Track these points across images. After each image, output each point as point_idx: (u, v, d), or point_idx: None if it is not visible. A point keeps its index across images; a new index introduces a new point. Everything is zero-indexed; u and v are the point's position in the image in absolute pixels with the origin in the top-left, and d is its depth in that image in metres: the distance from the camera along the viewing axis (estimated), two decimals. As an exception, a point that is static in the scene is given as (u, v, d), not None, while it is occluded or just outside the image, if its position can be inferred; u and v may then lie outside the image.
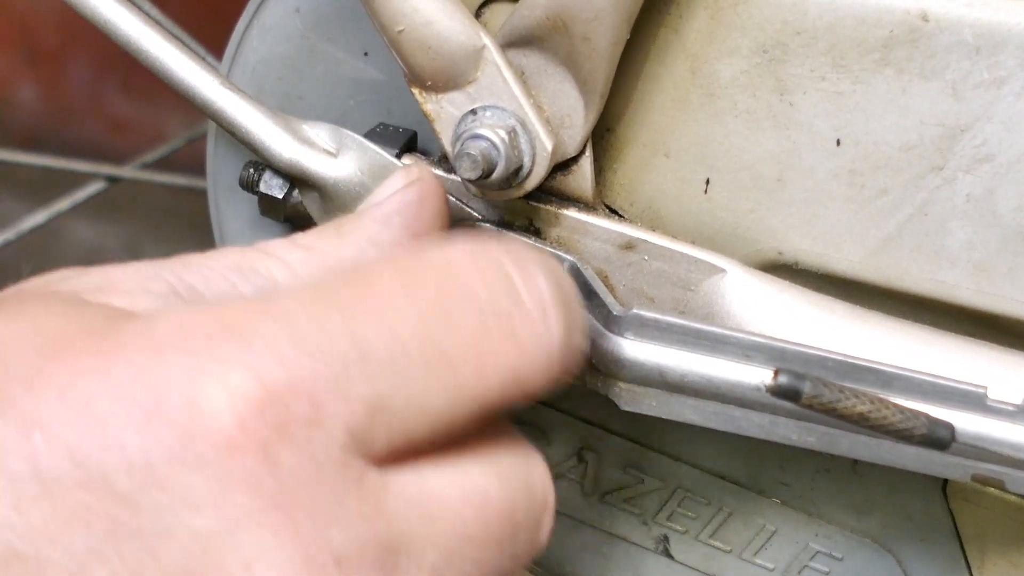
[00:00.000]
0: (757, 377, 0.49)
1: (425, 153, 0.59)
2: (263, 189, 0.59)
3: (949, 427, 0.45)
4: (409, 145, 0.59)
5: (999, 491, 0.56)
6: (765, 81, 0.54)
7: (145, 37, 0.58)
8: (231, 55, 0.64)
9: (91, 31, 0.59)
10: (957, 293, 0.54)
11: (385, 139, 0.58)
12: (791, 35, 0.53)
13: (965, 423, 0.48)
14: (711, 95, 0.55)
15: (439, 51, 0.52)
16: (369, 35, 0.60)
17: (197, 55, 0.59)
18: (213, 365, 0.35)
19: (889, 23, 0.52)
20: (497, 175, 0.52)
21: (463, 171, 0.52)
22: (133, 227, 1.64)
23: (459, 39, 0.52)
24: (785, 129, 0.54)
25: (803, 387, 0.45)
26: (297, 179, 0.58)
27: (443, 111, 0.54)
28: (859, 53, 0.52)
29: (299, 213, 0.60)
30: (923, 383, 0.48)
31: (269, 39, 0.62)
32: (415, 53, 0.52)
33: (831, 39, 0.53)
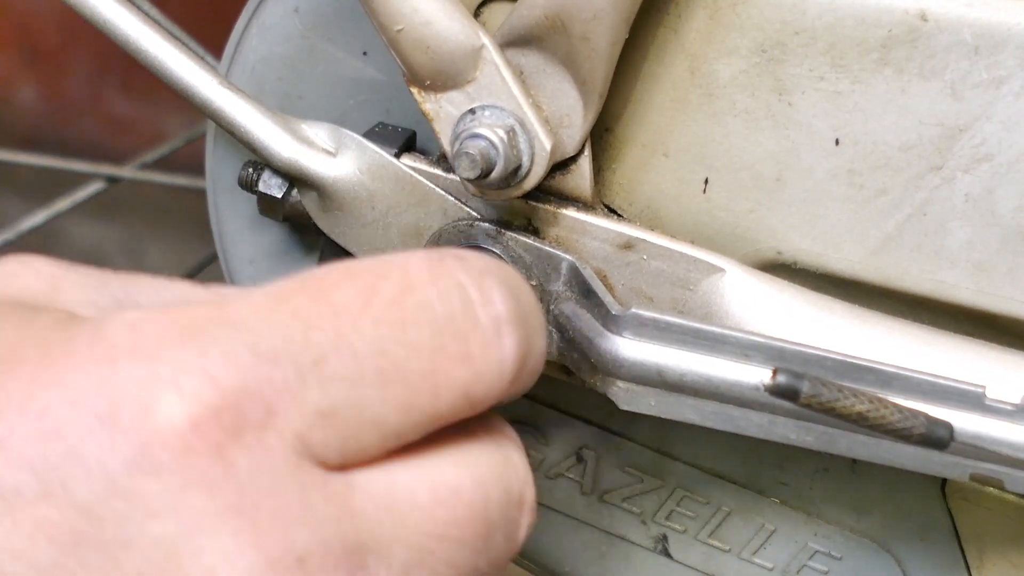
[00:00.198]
0: (756, 376, 0.49)
1: (424, 153, 0.59)
2: (262, 188, 0.59)
3: (948, 426, 0.45)
4: (408, 145, 0.59)
5: (998, 490, 0.56)
6: (764, 81, 0.54)
7: (145, 37, 0.58)
8: (230, 55, 0.64)
9: (91, 31, 0.59)
10: (956, 293, 0.54)
11: (384, 138, 0.58)
12: (790, 35, 0.53)
13: (964, 422, 0.48)
14: (710, 95, 0.55)
15: (438, 51, 0.52)
16: (368, 35, 0.60)
17: (196, 55, 0.59)
18: (167, 370, 0.35)
19: (888, 23, 0.52)
20: (496, 174, 0.52)
21: (462, 170, 0.52)
22: (133, 227, 1.64)
23: (458, 39, 0.52)
24: (784, 129, 0.54)
25: (802, 386, 0.45)
26: (296, 178, 0.58)
27: (442, 110, 0.54)
28: (858, 53, 0.52)
29: (298, 212, 0.60)
30: (922, 383, 0.48)
31: (268, 39, 0.62)
32: (414, 53, 0.52)
33: (830, 39, 0.53)
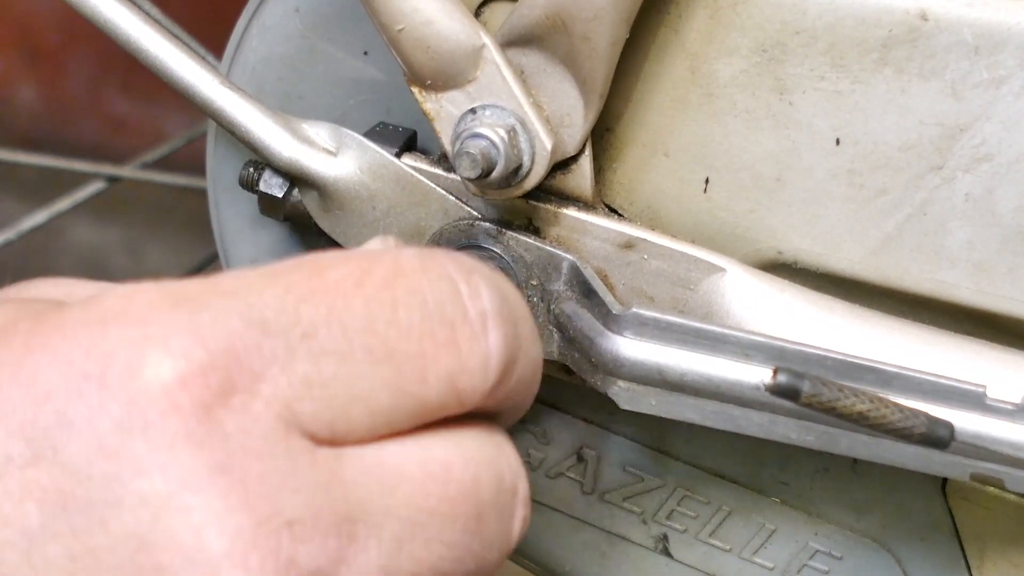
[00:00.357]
0: (756, 376, 0.49)
1: (425, 152, 0.59)
2: (263, 188, 0.59)
3: (948, 426, 0.45)
4: (409, 144, 0.59)
5: (998, 490, 0.56)
6: (764, 81, 0.54)
7: (145, 36, 0.58)
8: (231, 55, 0.64)
9: (91, 31, 0.59)
10: (957, 293, 0.54)
11: (385, 138, 0.58)
12: (790, 35, 0.53)
13: (964, 422, 0.48)
14: (710, 95, 0.55)
15: (439, 50, 0.52)
16: (369, 35, 0.60)
17: (197, 55, 0.59)
18: (156, 331, 0.35)
19: (888, 23, 0.52)
20: (497, 174, 0.52)
21: (463, 170, 0.52)
22: (133, 227, 1.64)
23: (459, 38, 0.52)
24: (784, 129, 0.54)
25: (802, 386, 0.45)
26: (297, 178, 0.58)
27: (443, 110, 0.54)
28: (858, 53, 0.52)
29: (299, 212, 0.60)
30: (922, 382, 0.48)
31: (269, 39, 0.63)
32: (415, 52, 0.52)
33: (830, 39, 0.53)
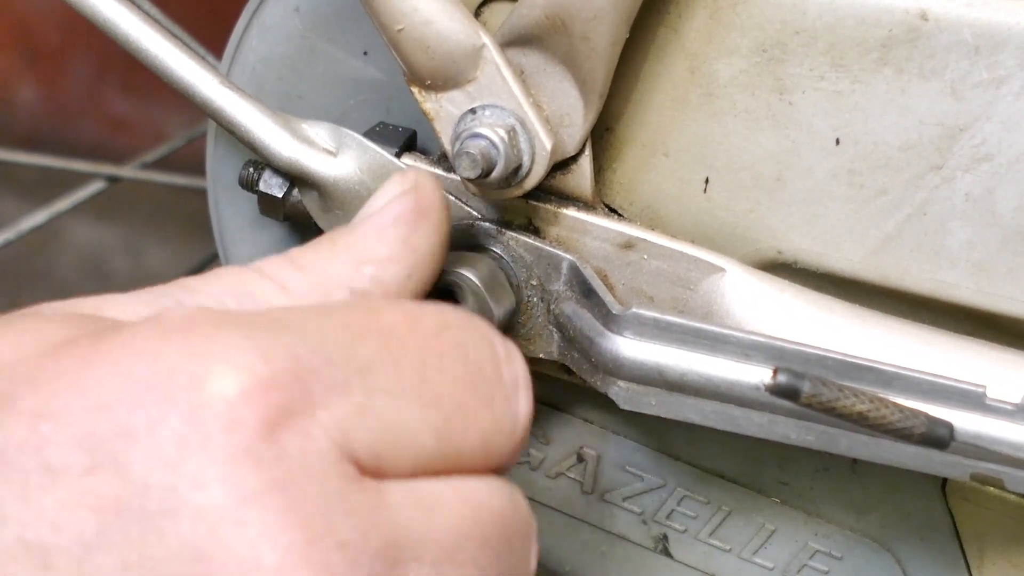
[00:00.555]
0: (756, 376, 0.49)
1: (425, 152, 0.59)
2: (263, 188, 0.59)
3: (948, 426, 0.45)
4: (409, 144, 0.59)
5: (998, 490, 0.56)
6: (764, 80, 0.54)
7: (145, 36, 0.58)
8: (231, 55, 0.64)
9: (91, 31, 0.59)
10: (957, 292, 0.54)
11: (385, 138, 0.58)
12: (790, 35, 0.53)
13: (964, 422, 0.48)
14: (710, 95, 0.55)
15: (438, 50, 0.52)
16: (369, 35, 0.60)
17: (197, 54, 0.59)
18: (219, 346, 0.35)
19: (888, 23, 0.52)
20: (496, 174, 0.52)
21: (462, 170, 0.52)
22: (133, 227, 1.64)
23: (458, 38, 0.52)
24: (784, 128, 0.54)
25: (802, 386, 0.45)
26: (297, 178, 0.58)
27: (442, 110, 0.54)
28: (858, 53, 0.52)
29: (299, 212, 0.60)
30: (922, 382, 0.48)
31: (269, 39, 0.63)
32: (414, 52, 0.52)
33: (830, 39, 0.53)
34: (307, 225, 0.60)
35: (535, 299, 0.56)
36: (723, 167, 0.56)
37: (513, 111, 0.53)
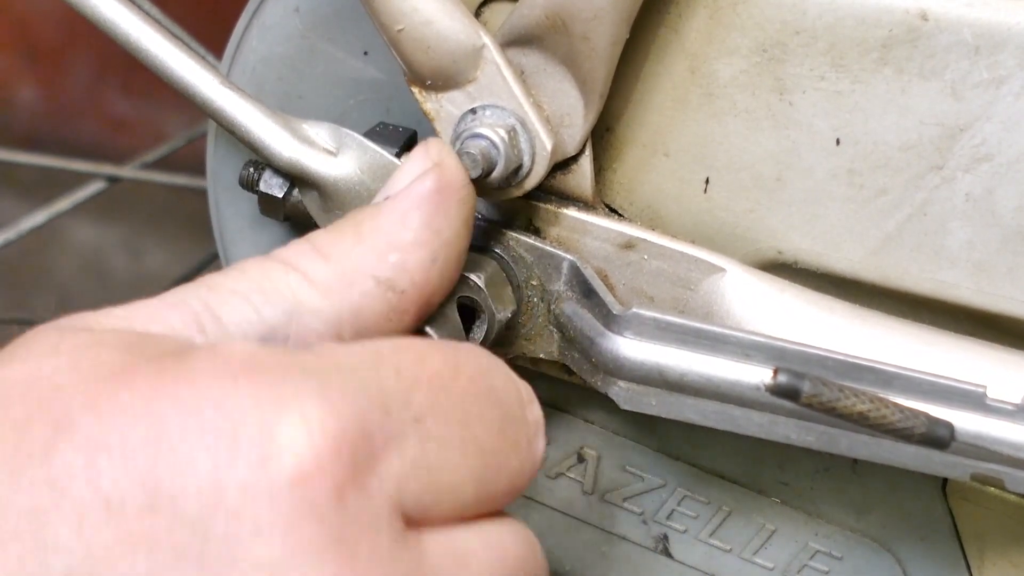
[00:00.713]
0: (757, 376, 0.49)
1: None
2: (263, 188, 0.59)
3: (948, 426, 0.45)
4: (409, 144, 0.59)
5: (998, 490, 0.56)
6: (764, 81, 0.54)
7: (145, 36, 0.58)
8: (231, 55, 0.64)
9: (91, 31, 0.59)
10: (957, 293, 0.54)
11: (385, 138, 0.58)
12: (790, 35, 0.53)
13: (964, 422, 0.48)
14: (710, 95, 0.55)
15: (439, 50, 0.52)
16: (369, 34, 0.60)
17: (197, 55, 0.59)
18: (289, 394, 0.35)
19: (888, 23, 0.52)
20: (497, 174, 0.52)
21: (463, 170, 0.52)
22: (133, 227, 1.64)
23: (459, 38, 0.52)
24: (784, 129, 0.54)
25: (802, 386, 0.45)
26: (297, 178, 0.58)
27: (443, 110, 0.54)
28: (858, 53, 0.52)
29: (299, 212, 0.60)
30: (923, 382, 0.48)
31: (269, 39, 0.63)
32: (415, 52, 0.52)
33: (830, 39, 0.53)
34: (307, 225, 0.60)
35: (536, 299, 0.56)
36: (723, 167, 0.56)
37: (513, 111, 0.53)
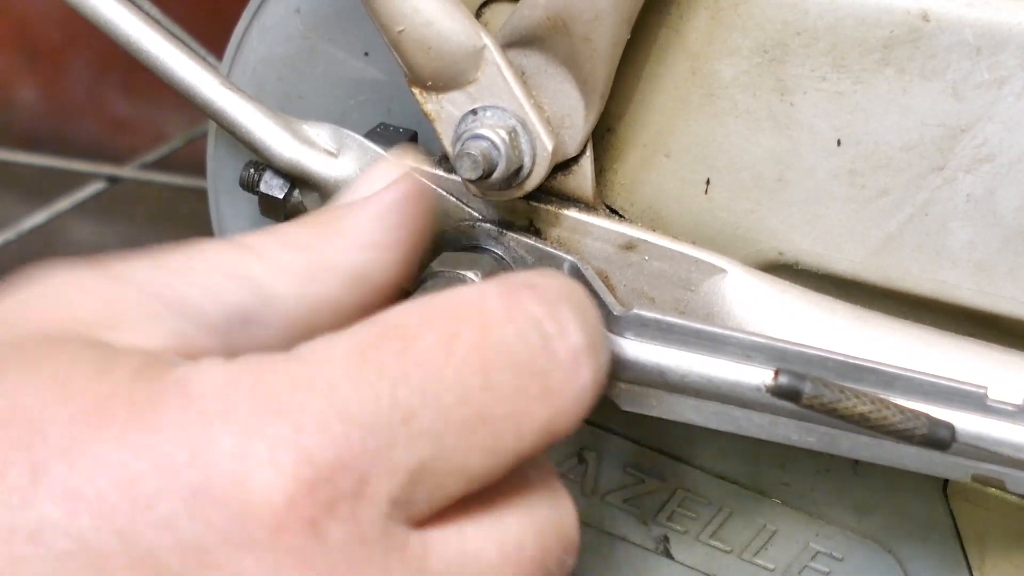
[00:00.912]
0: (757, 377, 0.49)
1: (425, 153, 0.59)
2: (263, 189, 0.59)
3: (949, 427, 0.45)
4: (409, 145, 0.59)
5: (1000, 491, 0.56)
6: (765, 81, 0.54)
7: (145, 37, 0.58)
8: (231, 55, 0.64)
9: (91, 31, 0.59)
10: (958, 293, 0.54)
11: (386, 139, 0.58)
12: (792, 35, 0.53)
13: (965, 423, 0.48)
14: (711, 95, 0.55)
15: (439, 51, 0.52)
16: (369, 35, 0.60)
17: (198, 55, 0.59)
18: (259, 443, 0.35)
19: (890, 23, 0.52)
20: (498, 175, 0.52)
21: (463, 171, 0.52)
22: (133, 227, 1.64)
23: (459, 39, 0.52)
24: (786, 129, 0.54)
25: (803, 387, 0.45)
26: (297, 179, 0.58)
27: (443, 111, 0.54)
28: (860, 53, 0.52)
29: (299, 213, 0.60)
30: (924, 383, 0.48)
31: (269, 39, 0.62)
32: (415, 53, 0.52)
33: (832, 39, 0.53)
34: (308, 226, 0.60)
35: (536, 300, 0.56)
36: (724, 168, 0.56)
37: (514, 112, 0.53)
